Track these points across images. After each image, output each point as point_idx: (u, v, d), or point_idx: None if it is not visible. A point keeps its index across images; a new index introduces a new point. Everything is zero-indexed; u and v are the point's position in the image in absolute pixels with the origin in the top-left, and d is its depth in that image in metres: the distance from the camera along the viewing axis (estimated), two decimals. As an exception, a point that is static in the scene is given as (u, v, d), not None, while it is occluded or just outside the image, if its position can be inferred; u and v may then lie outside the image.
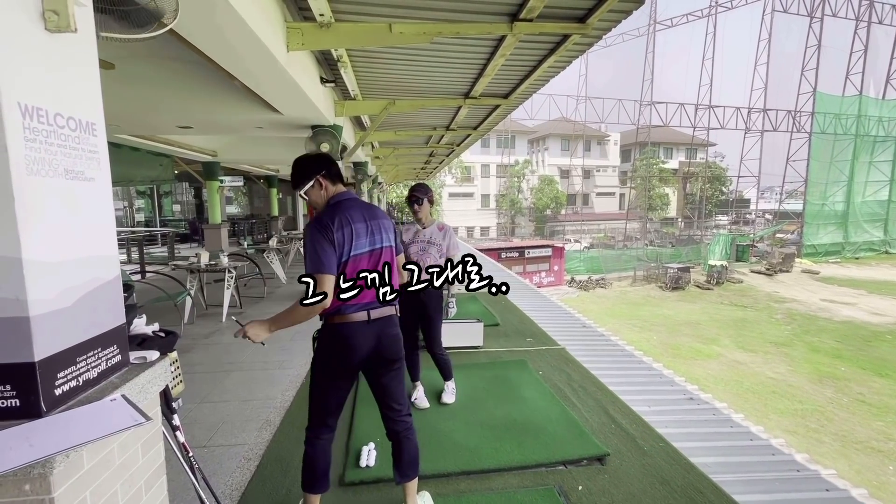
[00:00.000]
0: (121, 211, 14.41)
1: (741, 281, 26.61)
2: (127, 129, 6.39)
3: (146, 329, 1.70)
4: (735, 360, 15.22)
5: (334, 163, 1.88)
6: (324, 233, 1.69)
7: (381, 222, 1.84)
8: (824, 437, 10.36)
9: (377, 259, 1.79)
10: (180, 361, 3.81)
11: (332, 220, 1.71)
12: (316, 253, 1.68)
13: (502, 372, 3.51)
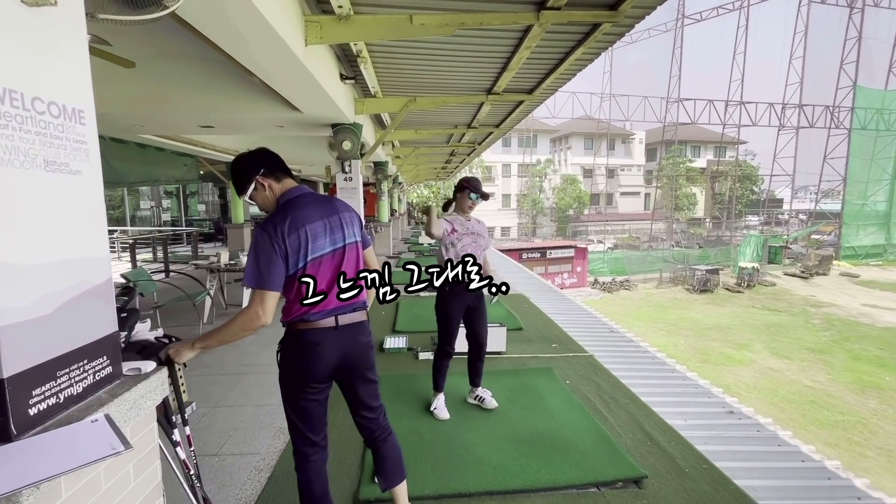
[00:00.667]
0: (148, 211, 14.77)
1: (774, 284, 25.53)
2: (150, 129, 6.45)
3: (149, 335, 1.59)
4: (769, 366, 14.54)
5: (272, 155, 1.66)
6: (271, 240, 1.48)
7: (341, 216, 1.64)
8: (868, 450, 9.74)
9: (340, 258, 1.60)
10: (200, 361, 3.76)
11: (283, 222, 1.50)
12: (257, 265, 1.48)
13: (527, 380, 3.32)
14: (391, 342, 4.15)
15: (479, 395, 2.97)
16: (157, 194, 15.34)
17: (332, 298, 1.56)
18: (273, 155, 1.66)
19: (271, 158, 1.65)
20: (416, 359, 3.84)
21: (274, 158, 1.65)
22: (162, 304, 4.59)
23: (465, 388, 3.14)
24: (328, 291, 1.55)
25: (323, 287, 1.54)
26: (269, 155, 1.66)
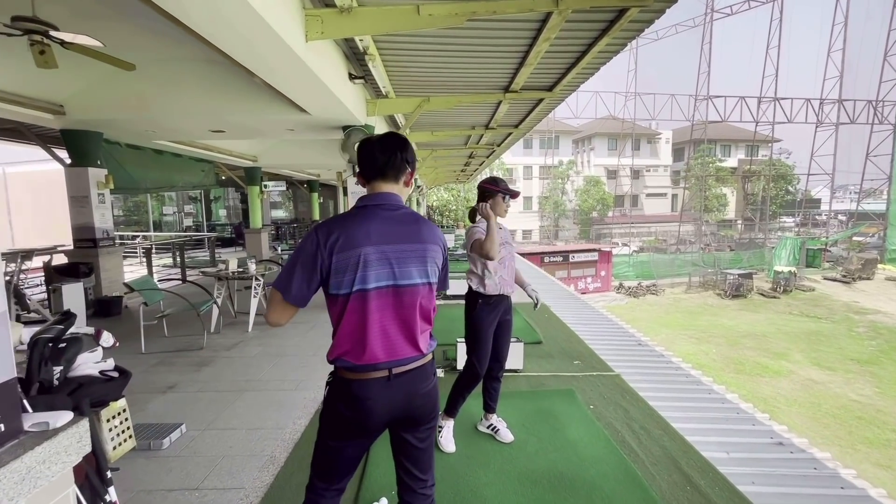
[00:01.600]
0: (171, 216, 15.03)
1: (813, 289, 24.18)
2: (163, 135, 6.41)
3: (93, 369, 1.36)
4: (809, 378, 13.63)
5: (367, 151, 1.36)
6: (317, 248, 1.25)
7: (419, 248, 1.32)
8: (925, 474, 8.90)
9: (400, 301, 1.29)
10: (199, 375, 3.58)
11: (341, 231, 1.26)
12: (291, 270, 1.28)
13: (546, 404, 3.00)
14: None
15: (493, 425, 2.65)
16: (180, 199, 15.60)
17: (383, 348, 1.28)
18: (369, 150, 1.36)
19: (365, 154, 1.36)
20: (426, 376, 3.56)
21: (368, 154, 1.36)
22: (167, 313, 4.46)
23: (475, 413, 2.85)
24: (379, 337, 1.27)
25: (375, 331, 1.26)
26: (364, 150, 1.37)
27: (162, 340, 4.52)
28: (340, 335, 1.31)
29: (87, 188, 5.61)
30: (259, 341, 4.55)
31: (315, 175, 15.07)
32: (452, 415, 2.56)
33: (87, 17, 3.54)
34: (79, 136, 5.52)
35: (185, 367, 3.81)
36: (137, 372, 3.72)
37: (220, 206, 18.67)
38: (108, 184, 5.79)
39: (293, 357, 4.05)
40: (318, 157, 9.66)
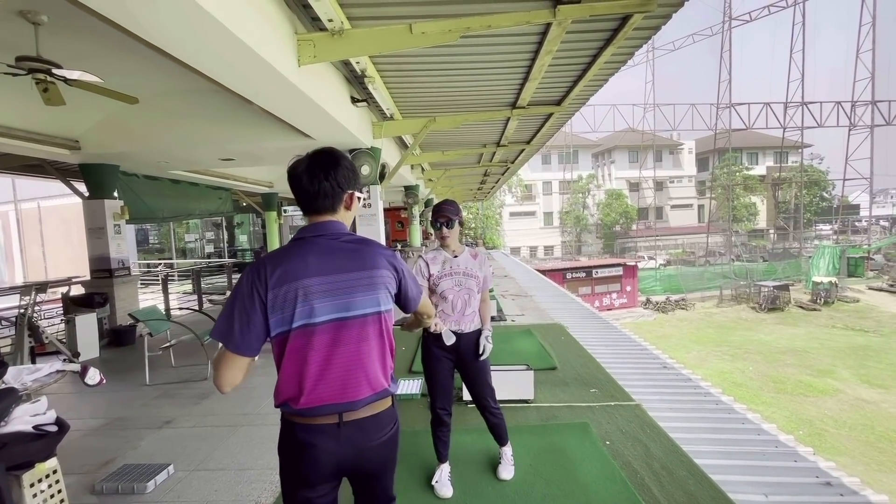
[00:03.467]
0: (193, 243, 15.43)
1: (857, 300, 22.76)
2: (177, 165, 6.55)
3: (26, 424, 1.24)
4: (859, 397, 12.63)
5: (294, 179, 1.24)
6: (251, 287, 1.14)
7: (365, 275, 1.21)
8: None
9: (348, 334, 1.18)
10: (198, 408, 3.48)
11: (268, 268, 1.15)
12: (231, 317, 1.15)
13: (557, 440, 2.75)
14: (403, 387, 3.70)
15: (499, 456, 2.46)
16: (203, 226, 16.02)
17: (330, 389, 1.17)
18: (297, 181, 1.24)
19: (294, 187, 1.25)
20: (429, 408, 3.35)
21: (296, 186, 1.25)
22: (173, 343, 4.42)
23: (481, 447, 2.64)
24: (325, 377, 1.16)
25: (314, 369, 1.15)
26: (292, 181, 1.25)
27: (168, 371, 4.47)
28: (283, 378, 1.19)
29: (104, 219, 5.73)
30: (263, 371, 4.39)
31: (332, 198, 15.25)
32: (442, 459, 2.36)
33: (89, 54, 3.62)
34: (96, 170, 5.68)
35: (185, 400, 3.73)
36: (137, 405, 3.66)
37: (242, 231, 19.10)
38: (123, 215, 5.92)
39: (296, 387, 3.92)
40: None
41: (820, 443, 10.08)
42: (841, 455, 9.53)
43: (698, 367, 13.28)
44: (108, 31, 2.33)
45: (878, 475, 8.90)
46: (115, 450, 2.89)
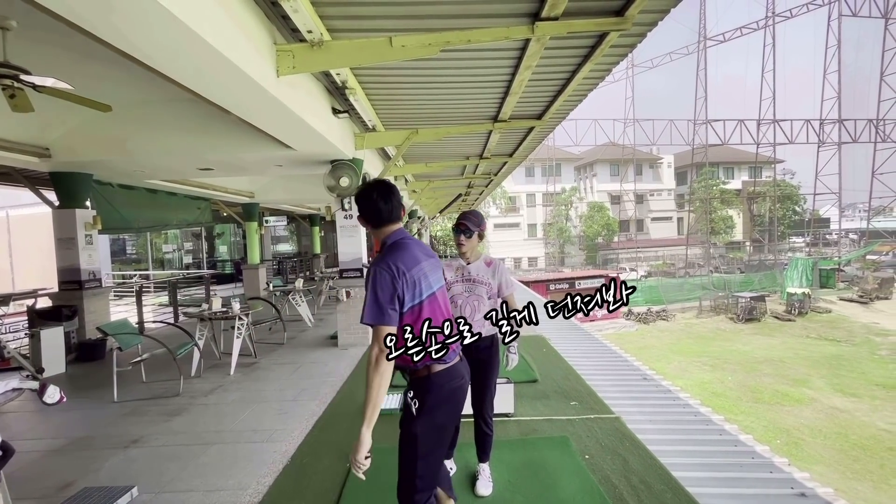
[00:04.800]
0: (170, 254, 15.05)
1: (829, 310, 23.44)
2: (153, 175, 6.41)
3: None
4: (833, 406, 12.93)
5: (370, 203, 1.64)
6: (392, 278, 1.53)
7: (435, 261, 1.74)
8: (970, 512, 8.20)
9: (443, 299, 1.72)
10: (169, 426, 3.36)
11: (396, 264, 1.55)
12: (376, 301, 1.51)
13: (537, 455, 2.72)
14: (385, 401, 3.63)
15: (476, 472, 2.46)
16: (182, 237, 15.67)
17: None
18: (373, 205, 1.64)
19: (370, 208, 1.65)
20: (409, 423, 3.29)
21: (373, 208, 1.64)
22: (144, 357, 4.27)
23: (458, 462, 2.59)
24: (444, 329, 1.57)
25: (438, 324, 1.58)
26: (366, 203, 1.65)
27: (138, 387, 4.31)
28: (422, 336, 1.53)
29: (74, 230, 5.55)
30: (238, 385, 4.33)
31: (315, 209, 15.14)
32: (445, 456, 2.36)
33: (60, 61, 3.54)
34: (67, 178, 5.51)
35: (156, 417, 3.59)
36: (103, 424, 3.51)
37: (223, 242, 18.75)
38: (96, 225, 5.74)
39: (272, 403, 3.81)
40: (315, 192, 9.65)
41: (797, 452, 10.26)
42: (817, 464, 9.70)
43: (679, 378, 13.43)
44: (85, 40, 2.27)
45: (853, 483, 9.07)
46: (75, 472, 2.75)
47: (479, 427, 2.39)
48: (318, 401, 3.82)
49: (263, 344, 6.00)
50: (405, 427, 1.61)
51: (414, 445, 1.57)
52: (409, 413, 1.60)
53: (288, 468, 2.72)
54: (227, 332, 5.65)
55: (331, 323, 7.33)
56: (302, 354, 5.47)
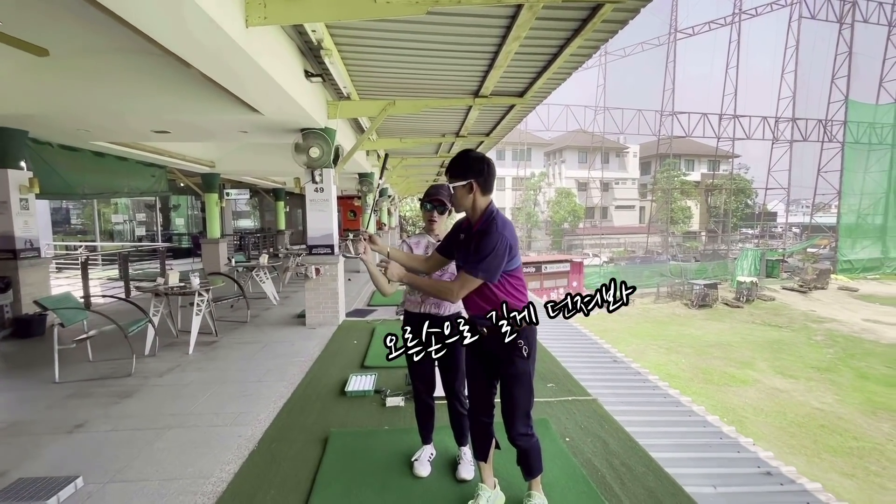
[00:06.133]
0: (120, 225, 14.03)
1: (773, 298, 25.03)
2: (100, 136, 5.83)
3: None
4: (774, 387, 13.89)
5: (492, 173, 1.89)
6: (511, 247, 1.80)
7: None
8: (888, 482, 9.05)
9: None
10: (119, 409, 3.08)
11: (510, 235, 1.80)
12: (496, 262, 1.77)
13: (517, 437, 2.66)
14: (355, 383, 3.48)
15: (458, 456, 2.38)
16: (132, 206, 14.64)
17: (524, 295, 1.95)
18: (493, 173, 1.89)
19: (493, 173, 1.89)
20: (384, 405, 3.17)
21: (492, 176, 1.89)
22: (91, 334, 3.90)
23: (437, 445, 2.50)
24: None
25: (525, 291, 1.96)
26: (489, 170, 1.87)
27: (83, 367, 3.95)
28: (520, 296, 1.90)
29: (7, 192, 4.97)
30: (198, 365, 4.04)
31: (281, 183, 14.48)
32: (423, 440, 2.43)
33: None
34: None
35: (104, 399, 3.28)
36: (42, 406, 3.18)
37: (179, 214, 17.69)
38: (32, 188, 5.17)
39: (235, 385, 3.58)
40: (281, 164, 9.16)
41: (741, 429, 10.88)
42: (759, 440, 10.37)
43: (637, 360, 14.02)
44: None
45: (790, 457, 9.79)
46: (9, 461, 2.45)
47: (453, 408, 2.30)
48: (286, 382, 3.63)
49: (225, 322, 5.67)
50: (519, 369, 1.84)
51: (530, 382, 1.87)
52: (520, 356, 1.82)
53: (255, 454, 2.54)
54: (185, 309, 5.29)
55: (297, 301, 7.05)
56: (267, 333, 5.20)
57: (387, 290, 2.14)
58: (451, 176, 1.89)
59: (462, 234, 1.98)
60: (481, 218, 1.87)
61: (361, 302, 7.21)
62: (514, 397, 1.90)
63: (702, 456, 2.95)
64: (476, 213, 1.89)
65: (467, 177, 1.84)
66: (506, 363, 1.89)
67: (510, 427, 1.92)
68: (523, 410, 1.89)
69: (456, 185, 1.86)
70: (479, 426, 2.07)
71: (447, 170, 1.93)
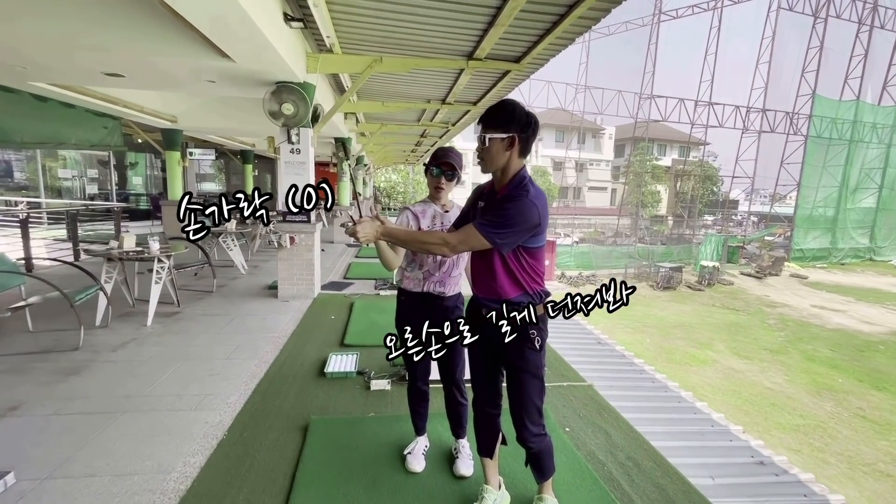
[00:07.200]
0: (69, 181, 12.86)
1: (732, 283, 26.19)
2: (42, 75, 5.10)
3: None
4: (731, 367, 14.60)
5: (536, 134, 1.60)
6: (539, 217, 1.52)
7: None
8: (829, 456, 9.73)
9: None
10: (62, 388, 2.70)
11: (542, 205, 1.53)
12: (514, 231, 1.50)
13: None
14: (335, 363, 3.21)
15: (456, 449, 2.18)
16: (83, 162, 13.43)
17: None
18: (537, 130, 1.60)
19: (535, 131, 1.59)
20: (367, 388, 2.92)
21: (536, 133, 1.60)
22: (30, 302, 3.43)
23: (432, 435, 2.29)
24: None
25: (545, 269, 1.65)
26: (536, 129, 1.59)
27: (21, 338, 3.49)
28: (541, 274, 1.63)
29: (-76, 135, 4.28)
30: (157, 339, 3.66)
31: (250, 145, 13.60)
32: (417, 432, 2.21)
33: None
34: None
35: (44, 377, 2.88)
36: (-32, 385, 2.75)
37: (137, 173, 16.44)
38: (-43, 131, 4.47)
39: (199, 362, 3.24)
40: (252, 123, 8.49)
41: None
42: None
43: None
44: None
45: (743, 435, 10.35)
46: (-77, 451, 2.07)
47: (451, 396, 2.08)
48: (258, 360, 3.31)
49: (188, 291, 5.23)
50: (531, 362, 1.63)
51: (542, 377, 1.67)
52: (532, 348, 1.60)
53: (224, 443, 2.25)
54: (143, 277, 4.82)
55: (267, 271, 6.63)
56: (235, 305, 4.82)
57: (393, 263, 1.86)
58: (490, 125, 1.54)
59: (482, 203, 1.69)
60: (510, 182, 1.57)
61: (337, 274, 6.85)
62: (525, 394, 1.68)
63: (697, 445, 2.89)
64: (506, 177, 1.59)
65: (510, 129, 1.52)
66: (515, 356, 1.65)
67: (521, 427, 1.71)
68: (535, 408, 1.69)
69: (494, 136, 1.52)
70: (485, 419, 1.86)
71: (483, 117, 1.57)
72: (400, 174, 29.95)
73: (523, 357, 1.63)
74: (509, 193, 1.54)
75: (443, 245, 1.53)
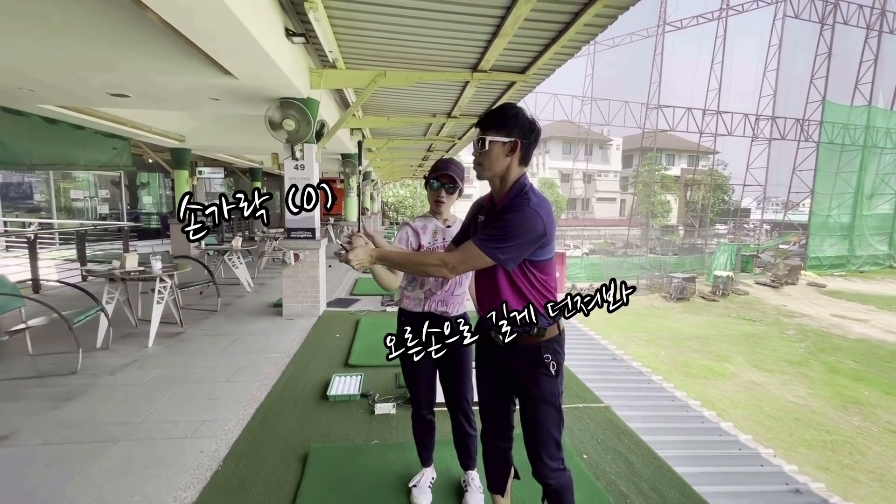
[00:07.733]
0: (81, 202, 13.05)
1: (747, 293, 25.61)
2: (49, 98, 5.15)
3: None
4: (750, 380, 14.12)
5: (537, 141, 1.49)
6: (545, 228, 1.38)
7: None
8: (861, 475, 9.25)
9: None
10: (56, 415, 2.58)
11: (547, 216, 1.39)
12: (517, 244, 1.37)
13: (528, 454, 2.32)
14: (339, 385, 3.07)
15: (465, 481, 2.02)
16: (95, 182, 13.64)
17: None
18: (539, 137, 1.49)
19: (537, 138, 1.48)
20: (372, 412, 2.78)
21: (537, 141, 1.49)
22: (29, 325, 3.36)
23: (438, 465, 2.14)
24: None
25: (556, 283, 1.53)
26: (538, 137, 1.48)
27: (20, 362, 3.42)
28: (552, 288, 1.49)
29: (-67, 158, 4.31)
30: (158, 361, 3.56)
31: (258, 162, 13.72)
32: (423, 463, 2.04)
33: None
34: (-80, 90, 4.20)
35: (38, 403, 2.79)
36: (-41, 413, 2.66)
37: (148, 192, 16.67)
38: (-35, 154, 4.50)
39: (200, 385, 3.13)
40: (258, 141, 8.53)
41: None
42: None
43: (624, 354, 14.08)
44: None
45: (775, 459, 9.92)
46: None
47: (458, 426, 1.93)
48: (259, 382, 3.19)
49: (192, 310, 5.15)
50: (546, 390, 1.47)
51: (559, 405, 1.51)
52: (546, 374, 1.46)
53: (219, 476, 2.12)
54: (146, 296, 4.76)
55: (273, 288, 6.55)
56: (239, 324, 4.72)
57: (392, 284, 1.75)
58: (490, 128, 1.43)
59: (482, 216, 1.57)
60: (510, 191, 1.45)
61: (343, 290, 6.75)
62: (541, 425, 1.52)
63: (725, 471, 2.69)
64: (505, 186, 1.46)
65: (512, 133, 1.41)
66: (528, 383, 1.50)
67: (537, 462, 1.54)
68: (553, 440, 1.52)
69: (495, 139, 1.41)
70: (494, 452, 1.70)
71: (483, 120, 1.46)
72: (408, 189, 30.08)
73: (537, 384, 1.47)
74: (509, 203, 1.42)
75: (441, 266, 1.41)
